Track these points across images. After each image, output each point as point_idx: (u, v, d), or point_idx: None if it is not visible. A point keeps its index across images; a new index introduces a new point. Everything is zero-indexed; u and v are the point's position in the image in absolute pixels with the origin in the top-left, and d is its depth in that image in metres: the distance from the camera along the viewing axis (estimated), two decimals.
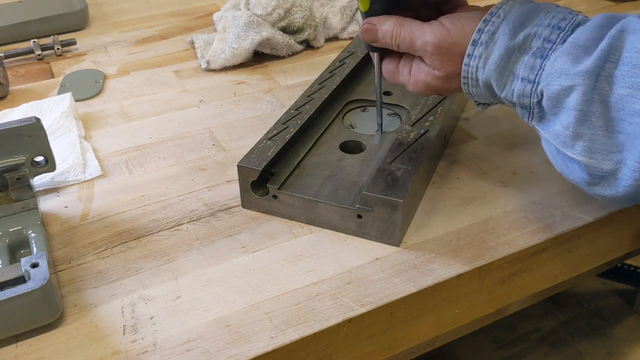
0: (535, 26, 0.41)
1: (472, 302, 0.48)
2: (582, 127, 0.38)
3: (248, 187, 0.50)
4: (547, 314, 0.99)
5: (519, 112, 0.43)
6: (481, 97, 0.46)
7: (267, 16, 0.77)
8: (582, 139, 0.38)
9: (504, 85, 0.42)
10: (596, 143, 0.38)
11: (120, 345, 0.40)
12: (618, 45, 0.37)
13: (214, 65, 0.75)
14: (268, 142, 0.52)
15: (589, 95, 0.37)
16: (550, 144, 0.42)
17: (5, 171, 0.48)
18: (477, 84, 0.44)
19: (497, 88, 0.43)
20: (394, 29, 0.46)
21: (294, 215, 0.50)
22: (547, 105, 0.40)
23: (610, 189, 0.39)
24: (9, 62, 0.78)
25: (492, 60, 0.42)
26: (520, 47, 0.41)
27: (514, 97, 0.42)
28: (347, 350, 0.44)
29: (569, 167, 0.41)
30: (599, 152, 0.38)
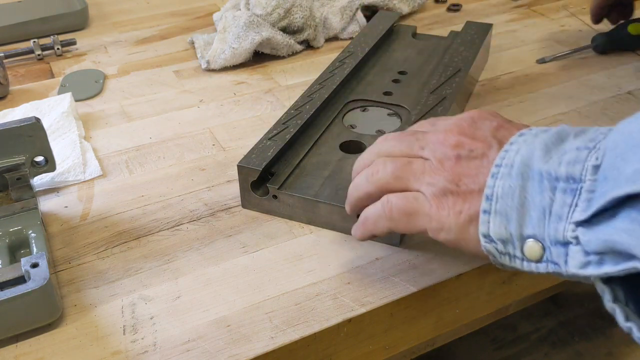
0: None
1: (472, 302, 0.48)
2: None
3: (248, 187, 0.50)
4: (547, 314, 0.99)
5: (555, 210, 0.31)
6: (505, 203, 0.34)
7: (267, 16, 0.77)
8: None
9: (550, 158, 0.33)
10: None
11: (120, 345, 0.40)
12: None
13: (214, 65, 0.75)
14: (268, 142, 0.52)
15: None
16: (614, 225, 0.28)
17: (5, 171, 0.48)
18: (510, 172, 0.34)
19: (538, 160, 0.33)
20: None
21: (294, 215, 0.50)
22: (614, 162, 0.29)
23: None
24: (9, 62, 0.78)
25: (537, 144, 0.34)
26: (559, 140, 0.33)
27: (561, 167, 0.32)
28: (347, 350, 0.44)
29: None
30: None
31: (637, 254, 0.27)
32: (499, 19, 0.88)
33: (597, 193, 0.29)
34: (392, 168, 0.39)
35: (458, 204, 0.36)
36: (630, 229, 0.27)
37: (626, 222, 0.27)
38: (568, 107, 0.66)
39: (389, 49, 0.73)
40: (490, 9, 0.92)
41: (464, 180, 0.36)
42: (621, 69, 0.73)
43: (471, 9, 0.93)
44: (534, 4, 0.93)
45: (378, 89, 0.64)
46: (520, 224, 0.33)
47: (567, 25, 0.85)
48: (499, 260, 0.35)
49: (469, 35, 0.71)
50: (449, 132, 0.38)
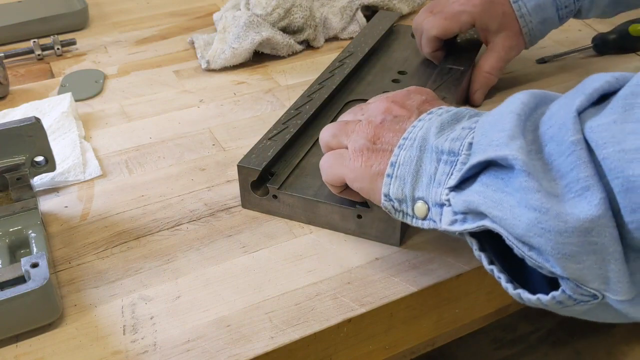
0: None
1: (472, 302, 0.48)
2: (520, 131, 0.32)
3: (248, 187, 0.50)
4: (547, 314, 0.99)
5: (437, 178, 0.37)
6: (405, 169, 0.39)
7: (267, 16, 0.77)
8: (519, 139, 0.32)
9: (441, 135, 0.38)
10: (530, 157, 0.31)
11: (120, 345, 0.40)
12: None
13: (214, 65, 0.75)
14: (268, 142, 0.52)
15: (528, 110, 0.33)
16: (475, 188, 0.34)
17: (5, 171, 0.48)
18: (412, 144, 0.39)
19: (433, 136, 0.38)
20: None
21: (293, 215, 0.50)
22: (482, 136, 0.34)
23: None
24: (9, 62, 0.78)
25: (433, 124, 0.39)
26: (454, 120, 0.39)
27: (446, 142, 0.37)
28: (347, 350, 0.44)
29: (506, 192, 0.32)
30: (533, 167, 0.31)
31: (484, 211, 0.33)
32: None
33: (466, 165, 0.34)
34: (332, 130, 0.46)
35: (371, 159, 0.42)
36: (481, 191, 0.33)
37: (479, 185, 0.33)
38: None
39: (389, 49, 0.73)
40: None
41: (381, 140, 0.42)
42: (621, 69, 0.73)
43: None
44: None
45: (378, 89, 0.64)
46: (413, 188, 0.38)
47: (567, 25, 0.85)
48: (394, 216, 0.41)
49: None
50: (386, 99, 0.45)
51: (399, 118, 0.43)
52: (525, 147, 0.31)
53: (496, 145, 0.32)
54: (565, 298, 0.31)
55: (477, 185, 0.33)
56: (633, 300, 0.29)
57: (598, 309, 0.32)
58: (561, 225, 0.29)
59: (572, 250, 0.29)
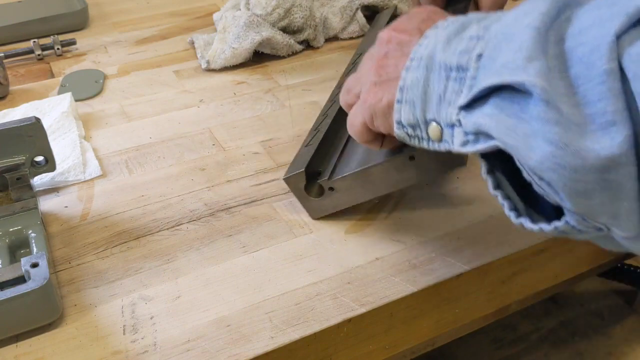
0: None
1: (472, 302, 0.48)
2: (540, 48, 0.29)
3: (303, 194, 0.50)
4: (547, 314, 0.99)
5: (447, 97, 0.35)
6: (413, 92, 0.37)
7: (267, 16, 0.77)
8: (539, 59, 0.29)
9: (448, 48, 0.35)
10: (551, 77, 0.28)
11: (120, 345, 0.40)
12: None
13: (214, 65, 0.75)
14: (305, 149, 0.52)
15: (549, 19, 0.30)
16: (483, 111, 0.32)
17: (5, 171, 0.48)
18: (419, 65, 0.37)
19: (439, 52, 0.35)
20: None
21: (358, 196, 0.49)
22: (493, 51, 0.32)
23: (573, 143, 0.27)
24: (9, 62, 0.78)
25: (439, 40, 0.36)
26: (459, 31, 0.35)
27: (454, 56, 0.34)
28: (347, 350, 0.44)
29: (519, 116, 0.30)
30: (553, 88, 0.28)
31: (495, 136, 0.31)
32: None
33: (477, 80, 0.32)
34: (346, 87, 0.44)
35: (379, 92, 0.40)
36: (493, 114, 0.31)
37: (491, 107, 0.31)
38: None
39: None
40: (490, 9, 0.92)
41: (385, 70, 0.40)
42: None
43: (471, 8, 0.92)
44: None
45: None
46: (424, 110, 0.36)
47: None
48: (410, 143, 0.39)
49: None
50: (387, 30, 0.42)
51: (402, 43, 0.40)
52: (545, 70, 0.28)
53: (512, 68, 0.29)
54: (568, 228, 0.30)
55: (489, 107, 0.31)
56: (638, 237, 0.28)
57: (599, 238, 0.31)
58: (578, 163, 0.27)
59: (586, 187, 0.27)
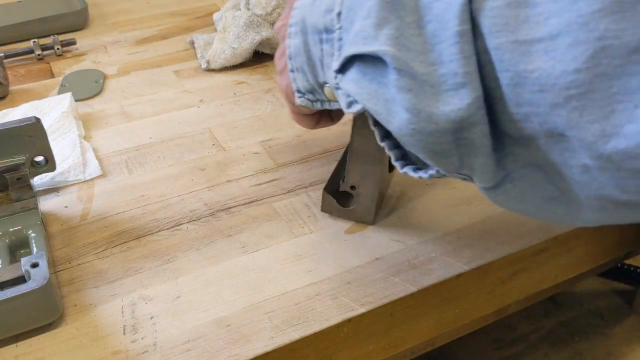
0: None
1: (472, 302, 0.49)
2: (387, 17, 0.29)
3: (344, 210, 0.49)
4: (547, 314, 0.99)
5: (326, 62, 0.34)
6: (298, 61, 0.37)
7: (267, 16, 0.77)
8: (388, 26, 0.29)
9: (314, 9, 0.34)
10: (404, 37, 0.28)
11: (120, 345, 0.40)
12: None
13: (214, 65, 0.75)
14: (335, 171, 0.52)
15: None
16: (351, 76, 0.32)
17: (5, 171, 0.48)
18: (295, 30, 0.36)
19: (308, 15, 0.35)
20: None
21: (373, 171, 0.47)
22: (345, 11, 0.32)
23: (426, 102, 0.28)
24: (9, 62, 0.78)
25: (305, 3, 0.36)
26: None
27: (320, 18, 0.34)
28: (347, 350, 0.44)
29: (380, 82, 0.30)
30: (408, 50, 0.28)
31: (357, 99, 0.31)
32: None
33: (342, 43, 0.32)
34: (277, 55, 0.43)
35: (284, 76, 0.40)
36: (357, 80, 0.31)
37: (355, 72, 0.31)
38: None
39: None
40: None
41: (281, 46, 0.40)
42: None
43: None
44: None
45: None
46: (314, 75, 0.36)
47: None
48: (314, 107, 0.39)
49: None
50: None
51: (287, 22, 0.40)
52: (396, 35, 0.28)
53: (364, 37, 0.29)
54: (440, 175, 0.32)
55: (353, 72, 0.31)
56: (496, 188, 0.30)
57: None
58: (432, 127, 0.28)
59: (442, 148, 0.28)
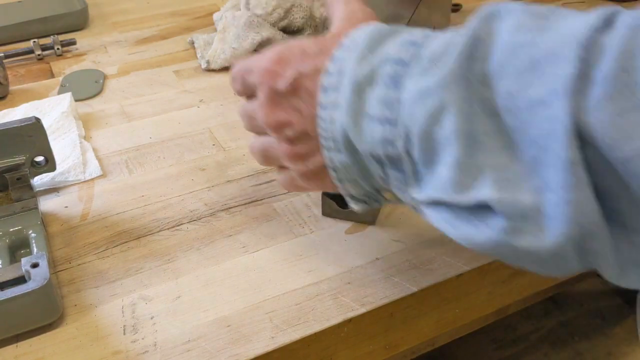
0: (385, 47, 0.31)
1: (472, 302, 0.48)
2: (475, 155, 0.26)
3: (344, 212, 0.49)
4: (547, 314, 0.99)
5: (393, 184, 0.32)
6: (349, 173, 0.34)
7: (267, 16, 0.77)
8: (482, 171, 0.26)
9: (363, 133, 0.31)
10: (501, 170, 0.26)
11: (120, 345, 0.40)
12: (482, 37, 0.27)
13: (214, 65, 0.75)
14: None
15: (469, 109, 0.26)
16: (440, 212, 0.30)
17: (5, 171, 0.48)
18: (338, 146, 0.33)
19: (356, 140, 0.31)
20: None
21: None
22: (419, 151, 0.29)
23: (540, 235, 0.26)
24: (9, 62, 0.78)
25: (343, 104, 0.31)
26: (370, 80, 0.30)
27: (377, 148, 0.31)
28: (347, 350, 0.44)
29: (477, 225, 0.28)
30: (509, 182, 0.26)
31: (447, 234, 0.30)
32: None
33: (423, 182, 0.30)
34: (259, 155, 0.41)
35: (317, 179, 0.37)
36: (447, 219, 0.29)
37: (446, 211, 0.29)
38: None
39: None
40: None
41: (310, 161, 0.36)
42: None
43: (471, 8, 0.93)
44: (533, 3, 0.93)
45: None
46: (372, 184, 0.35)
47: None
48: (371, 206, 0.37)
49: None
50: (263, 106, 0.37)
51: (298, 133, 0.36)
52: (494, 175, 0.26)
53: (455, 185, 0.27)
54: None
55: (443, 212, 0.30)
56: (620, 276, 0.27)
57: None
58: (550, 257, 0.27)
59: (564, 262, 0.27)
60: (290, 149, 0.36)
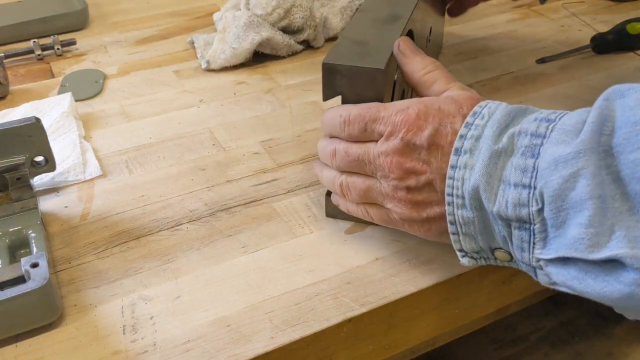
0: (521, 124, 0.35)
1: (472, 302, 0.48)
2: (606, 216, 0.30)
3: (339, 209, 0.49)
4: (547, 314, 0.99)
5: (516, 243, 0.35)
6: (469, 228, 0.37)
7: (267, 16, 0.77)
8: (613, 231, 0.30)
9: (495, 195, 0.35)
10: (632, 229, 0.30)
11: (120, 345, 0.40)
12: (608, 114, 0.32)
13: (214, 65, 0.75)
14: None
15: (599, 176, 0.30)
16: (569, 270, 0.32)
17: (5, 171, 0.48)
18: (464, 203, 0.36)
19: (487, 200, 0.35)
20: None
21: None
22: (551, 212, 0.32)
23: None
24: (9, 62, 0.78)
25: (477, 167, 0.35)
26: (507, 150, 0.35)
27: (508, 209, 0.34)
28: (347, 350, 0.44)
29: (608, 281, 0.31)
30: (638, 240, 0.30)
31: (577, 290, 0.32)
32: (499, 19, 0.88)
33: (550, 240, 0.33)
34: (357, 193, 0.44)
35: (425, 225, 0.41)
36: (578, 277, 0.32)
37: (576, 270, 0.32)
38: (568, 108, 0.66)
39: None
40: (490, 8, 0.92)
41: (425, 210, 0.40)
42: (621, 69, 0.73)
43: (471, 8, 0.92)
44: (534, 4, 0.93)
45: None
46: (488, 241, 0.37)
47: (566, 25, 0.85)
48: (478, 263, 0.40)
49: None
50: (391, 154, 0.40)
51: (421, 182, 0.39)
52: (624, 233, 0.29)
53: (589, 246, 0.30)
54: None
55: (572, 270, 0.32)
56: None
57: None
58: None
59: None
60: (410, 197, 0.40)
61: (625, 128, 0.30)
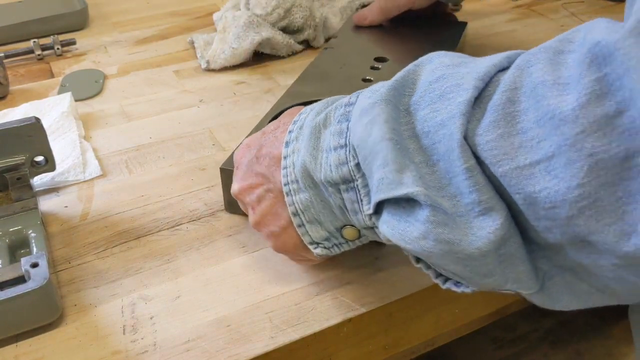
0: (338, 102, 0.37)
1: (472, 302, 0.49)
2: (403, 161, 0.31)
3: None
4: (547, 314, 0.99)
5: (350, 208, 0.36)
6: (310, 213, 0.39)
7: (267, 16, 0.77)
8: (409, 168, 0.31)
9: (321, 165, 0.36)
10: (424, 176, 0.30)
11: (120, 345, 0.40)
12: (413, 77, 0.33)
13: (214, 65, 0.75)
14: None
15: (393, 122, 0.32)
16: (385, 219, 0.33)
17: (5, 171, 0.48)
18: (299, 186, 0.38)
19: (315, 172, 0.36)
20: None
21: None
22: (362, 162, 0.33)
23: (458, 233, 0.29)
24: (9, 62, 0.78)
25: (302, 146, 0.37)
26: (325, 122, 0.37)
27: (332, 172, 0.35)
28: (347, 350, 0.44)
29: (408, 221, 0.31)
30: (431, 188, 0.30)
31: (391, 240, 0.33)
32: (499, 19, 0.88)
33: (370, 188, 0.33)
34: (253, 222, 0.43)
35: (286, 235, 0.41)
36: (388, 221, 0.32)
37: (386, 214, 0.33)
38: None
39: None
40: (490, 8, 0.92)
41: (275, 224, 0.41)
42: None
43: (471, 8, 0.93)
44: (534, 4, 0.93)
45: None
46: (332, 221, 0.38)
47: (566, 25, 0.85)
48: (332, 253, 0.40)
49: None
50: (239, 180, 0.43)
51: (261, 194, 0.41)
52: (417, 174, 0.30)
53: (388, 184, 0.31)
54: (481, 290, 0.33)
55: (385, 215, 0.33)
56: (539, 291, 0.31)
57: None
58: (475, 252, 0.29)
59: (487, 269, 0.30)
60: (257, 210, 0.42)
61: (422, 87, 0.32)
